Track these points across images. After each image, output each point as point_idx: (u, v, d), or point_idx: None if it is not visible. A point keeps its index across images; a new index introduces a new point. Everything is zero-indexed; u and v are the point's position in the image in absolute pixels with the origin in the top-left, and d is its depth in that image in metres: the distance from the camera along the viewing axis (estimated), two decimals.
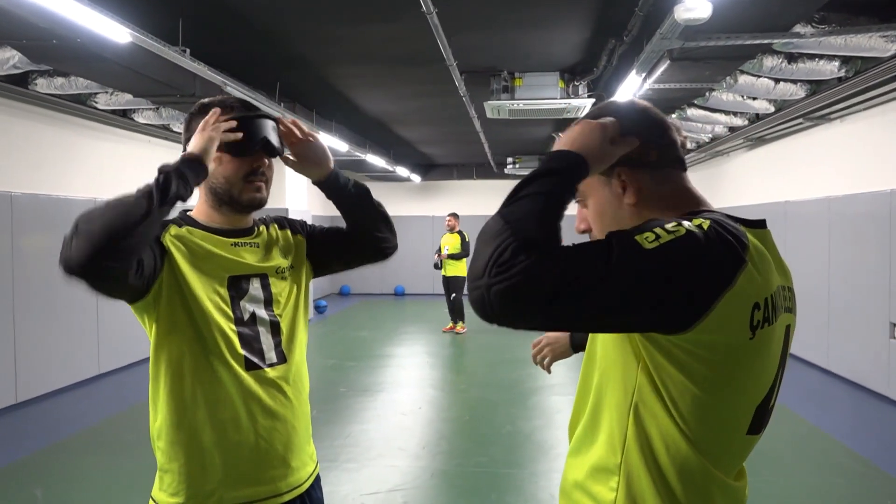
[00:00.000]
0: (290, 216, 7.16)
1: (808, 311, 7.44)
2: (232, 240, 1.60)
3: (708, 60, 4.73)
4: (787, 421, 5.46)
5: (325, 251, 1.78)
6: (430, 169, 15.66)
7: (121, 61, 4.70)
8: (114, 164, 7.56)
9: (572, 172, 1.01)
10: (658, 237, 0.90)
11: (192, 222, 1.60)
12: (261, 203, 1.62)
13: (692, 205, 1.10)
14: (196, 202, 1.65)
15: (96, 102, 6.43)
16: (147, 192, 1.36)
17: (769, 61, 4.99)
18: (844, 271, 6.75)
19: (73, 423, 5.55)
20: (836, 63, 5.18)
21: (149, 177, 1.44)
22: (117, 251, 1.30)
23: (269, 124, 1.61)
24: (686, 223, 0.94)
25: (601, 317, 0.90)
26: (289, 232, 1.75)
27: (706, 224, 0.95)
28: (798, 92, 5.99)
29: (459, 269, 9.79)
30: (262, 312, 1.57)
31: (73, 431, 5.26)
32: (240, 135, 1.54)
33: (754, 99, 6.44)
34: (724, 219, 1.00)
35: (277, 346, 1.57)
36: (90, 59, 4.62)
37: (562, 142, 1.06)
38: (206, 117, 1.53)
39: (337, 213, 1.77)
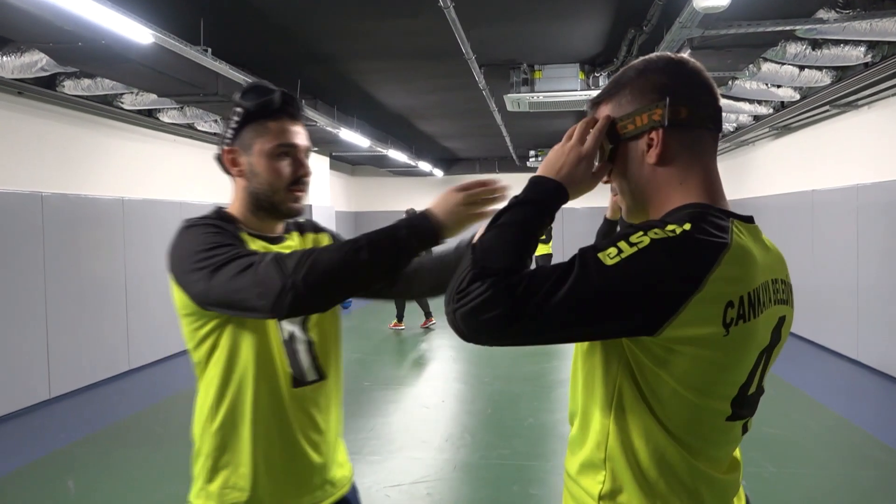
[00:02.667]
0: (315, 213, 7.16)
1: (837, 302, 7.34)
2: (269, 243, 1.58)
3: (729, 48, 4.67)
4: (816, 413, 5.39)
5: None
6: (453, 163, 15.66)
7: (144, 62, 4.78)
8: (140, 164, 7.69)
9: (548, 202, 1.04)
10: (620, 251, 0.93)
11: (238, 225, 1.56)
12: (298, 212, 1.59)
13: (697, 193, 1.07)
14: (231, 200, 1.62)
15: (122, 103, 6.55)
16: (378, 260, 1.29)
17: (792, 48, 4.92)
18: (874, 260, 6.63)
19: (104, 416, 5.67)
20: (862, 48, 5.08)
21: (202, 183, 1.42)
22: (328, 307, 1.35)
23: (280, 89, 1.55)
24: (655, 231, 0.95)
25: (565, 332, 0.95)
26: (324, 240, 1.71)
27: (679, 230, 0.95)
28: (823, 79, 5.89)
29: None
30: (298, 332, 1.57)
31: (105, 425, 5.38)
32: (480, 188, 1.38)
33: (779, 87, 6.34)
34: (709, 218, 1.00)
35: (315, 363, 1.58)
36: (115, 60, 4.70)
37: (542, 166, 1.09)
38: (473, 189, 1.35)
39: (361, 209, 1.66)
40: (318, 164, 11.04)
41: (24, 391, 5.80)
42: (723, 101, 6.29)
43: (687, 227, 0.96)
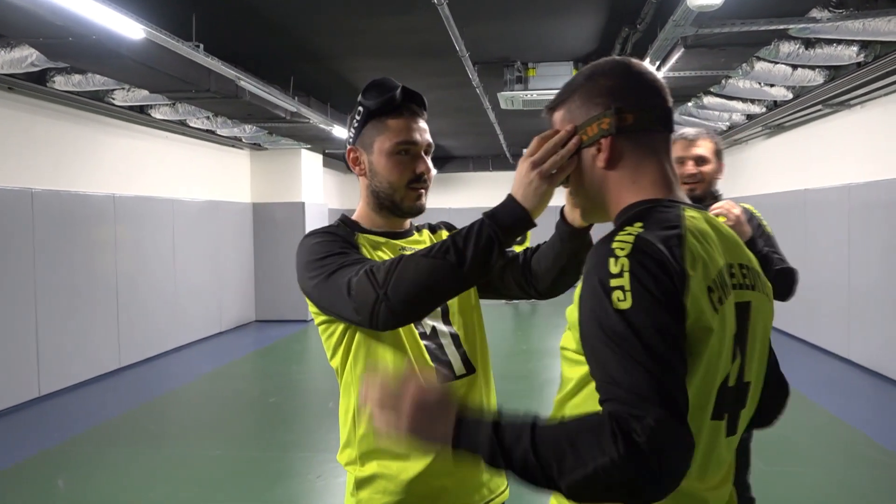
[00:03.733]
0: (308, 210, 7.18)
1: (829, 300, 7.37)
2: (400, 242, 1.56)
3: (722, 47, 4.68)
4: (808, 411, 5.41)
5: (494, 275, 1.61)
6: (446, 161, 15.65)
7: (136, 57, 4.74)
8: (132, 160, 7.65)
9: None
10: (621, 288, 0.91)
11: (360, 228, 1.56)
12: (420, 210, 1.56)
13: (650, 190, 1.08)
14: (358, 205, 1.61)
15: (113, 99, 6.50)
16: (465, 263, 1.24)
17: (786, 47, 4.93)
18: (865, 259, 6.65)
19: (94, 415, 5.64)
20: (855, 48, 5.09)
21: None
22: (420, 318, 1.38)
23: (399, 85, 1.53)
24: (619, 244, 0.95)
25: (680, 376, 0.92)
26: None
27: (631, 237, 0.96)
28: (816, 78, 5.90)
29: None
30: (441, 326, 1.53)
31: (95, 424, 5.35)
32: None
33: (772, 86, 6.35)
34: (658, 212, 1.02)
35: (463, 356, 1.53)
36: (106, 55, 4.67)
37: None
38: (557, 140, 1.15)
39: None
40: (310, 162, 11.01)
41: (14, 389, 5.76)
42: (716, 100, 6.30)
43: (638, 227, 0.98)
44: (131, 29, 3.98)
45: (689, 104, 7.52)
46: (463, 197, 15.63)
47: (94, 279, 6.82)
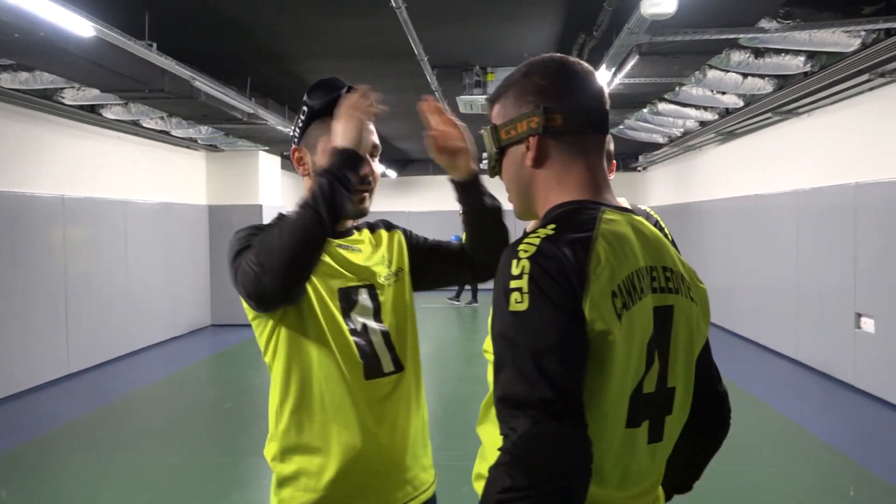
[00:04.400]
0: (266, 212, 7.12)
1: (777, 302, 7.58)
2: (336, 241, 1.54)
3: (676, 55, 4.78)
4: (757, 411, 5.55)
5: (427, 266, 1.67)
6: (406, 164, 15.63)
7: (86, 55, 4.63)
8: (83, 161, 7.45)
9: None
10: (520, 290, 0.92)
11: None
12: (363, 213, 1.57)
13: (576, 192, 1.08)
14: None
15: (63, 97, 6.33)
16: (315, 210, 1.31)
17: (736, 56, 5.06)
18: (812, 263, 6.86)
19: (40, 423, 5.46)
20: (802, 58, 5.26)
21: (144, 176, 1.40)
22: (305, 278, 1.35)
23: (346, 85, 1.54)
24: (525, 248, 0.95)
25: (580, 381, 0.93)
26: (399, 236, 1.68)
27: (538, 240, 0.96)
28: (766, 87, 6.08)
29: None
30: (372, 323, 1.53)
31: (41, 432, 5.18)
32: (387, 108, 1.44)
33: (723, 94, 6.52)
34: (578, 215, 1.02)
35: (392, 354, 1.54)
36: (54, 53, 4.54)
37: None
38: (351, 96, 1.41)
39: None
40: (268, 164, 10.88)
41: None
42: (670, 107, 6.41)
43: (550, 229, 0.98)
44: (81, 26, 3.88)
45: (645, 110, 7.66)
46: (423, 200, 15.62)
47: (42, 283, 6.62)
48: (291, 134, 1.58)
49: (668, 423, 1.08)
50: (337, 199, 1.33)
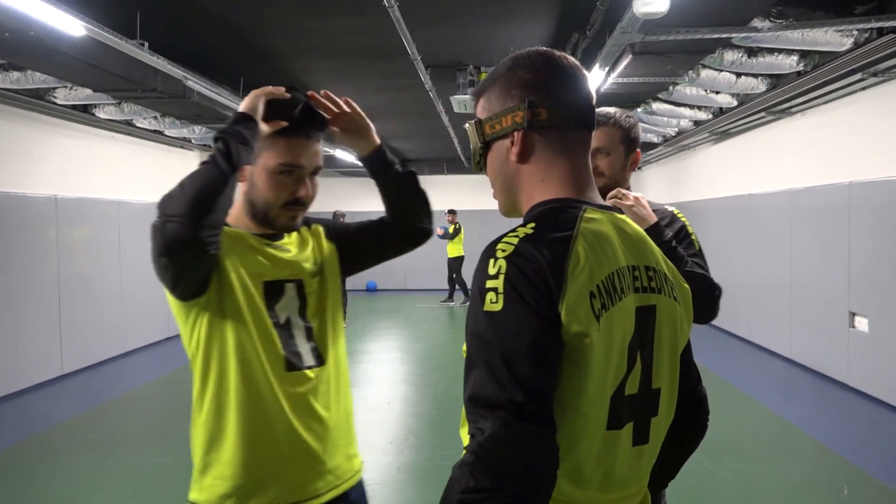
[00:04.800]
0: None
1: (771, 302, 7.58)
2: (266, 240, 1.58)
3: (669, 54, 4.78)
4: (752, 410, 5.56)
5: (358, 248, 1.74)
6: (403, 164, 15.62)
7: (77, 55, 4.61)
8: (76, 161, 7.42)
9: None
10: (495, 290, 0.91)
11: (226, 224, 1.57)
12: (293, 229, 1.61)
13: (559, 189, 1.06)
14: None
15: (55, 97, 6.30)
16: (214, 161, 1.37)
17: (729, 55, 5.06)
18: (806, 262, 6.87)
19: (32, 425, 5.44)
20: (795, 57, 5.27)
21: (116, 172, 1.41)
22: (212, 223, 1.35)
23: (304, 104, 1.57)
24: (502, 248, 0.94)
25: (553, 388, 0.92)
26: (319, 231, 1.72)
27: (516, 239, 0.95)
28: (759, 86, 6.08)
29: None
30: (296, 318, 1.57)
31: (32, 433, 5.15)
32: (281, 89, 1.52)
33: (717, 93, 6.52)
34: (560, 213, 1.01)
35: (314, 349, 1.58)
36: (46, 52, 4.52)
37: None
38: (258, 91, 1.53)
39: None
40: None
41: None
42: (664, 106, 6.40)
43: (530, 228, 0.97)
44: (71, 26, 3.86)
45: (639, 110, 7.66)
46: None
47: (35, 283, 6.58)
48: None
49: (653, 425, 1.07)
50: (231, 148, 1.39)
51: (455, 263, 12.53)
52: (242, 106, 1.48)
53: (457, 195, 14.79)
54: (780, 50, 5.13)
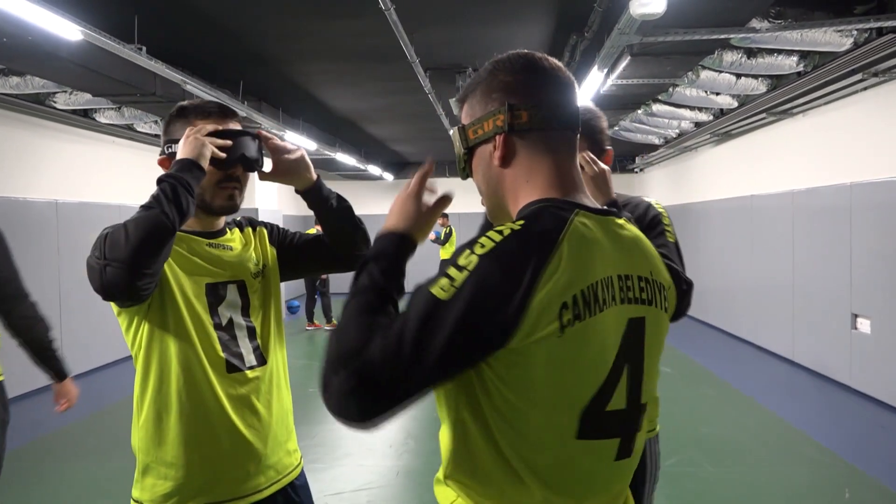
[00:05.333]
0: (262, 216, 7.12)
1: (773, 303, 7.55)
2: (207, 240, 1.61)
3: (667, 56, 4.76)
4: (753, 412, 5.53)
5: (296, 257, 1.79)
6: (403, 167, 15.61)
7: (76, 59, 4.61)
8: (77, 166, 7.42)
9: (391, 252, 1.06)
10: (452, 281, 0.91)
11: None
12: (232, 209, 1.63)
13: (544, 189, 1.04)
14: None
15: (55, 102, 6.31)
16: (161, 208, 1.38)
17: (729, 56, 5.04)
18: (807, 264, 6.84)
19: (33, 429, 5.43)
20: (795, 58, 5.24)
21: (129, 182, 1.40)
22: (152, 272, 1.37)
23: (248, 139, 1.61)
24: (482, 243, 0.93)
25: (433, 382, 0.94)
26: (263, 234, 1.77)
27: (507, 230, 0.94)
28: (759, 87, 6.06)
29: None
30: (238, 318, 1.61)
31: (33, 438, 5.15)
32: (228, 143, 1.54)
33: (717, 94, 6.50)
34: (548, 212, 0.99)
35: (256, 349, 1.62)
36: (44, 57, 4.52)
37: (387, 219, 1.13)
38: (190, 129, 1.53)
39: (309, 212, 1.73)
40: (265, 168, 10.85)
41: None
42: (664, 108, 6.37)
43: (518, 225, 0.95)
44: (68, 30, 3.86)
45: (639, 111, 7.65)
46: None
47: (36, 288, 6.49)
48: (161, 142, 1.65)
49: (637, 440, 1.06)
50: (181, 198, 1.40)
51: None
52: (188, 151, 1.48)
53: (461, 197, 14.73)
54: (780, 51, 5.11)
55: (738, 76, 5.74)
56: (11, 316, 2.85)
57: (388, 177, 14.82)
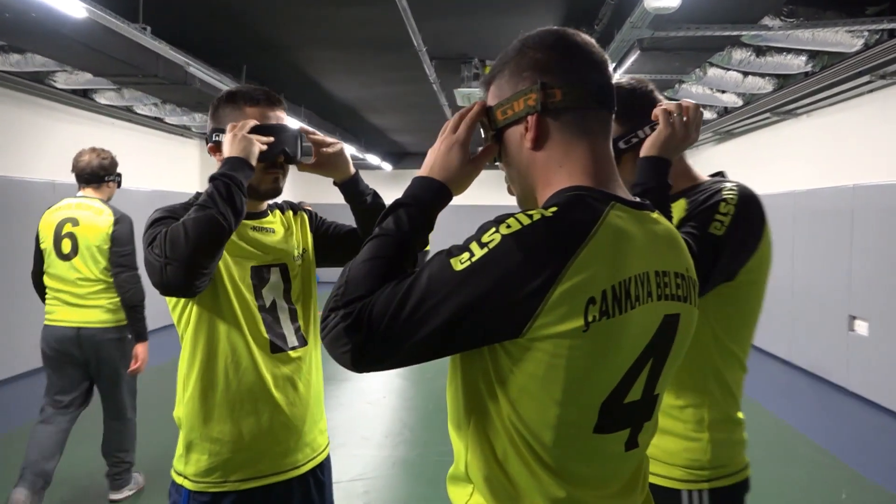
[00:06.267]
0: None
1: (773, 305, 7.53)
2: (251, 223, 1.66)
3: (678, 51, 4.72)
4: (751, 412, 5.51)
5: (332, 247, 1.84)
6: (402, 157, 15.56)
7: (78, 38, 4.54)
8: (76, 146, 7.26)
9: (426, 200, 1.03)
10: (471, 255, 0.89)
11: None
12: (276, 192, 1.68)
13: (578, 176, 0.99)
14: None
15: (55, 81, 6.24)
16: (217, 208, 1.42)
17: (738, 54, 5.01)
18: (807, 265, 6.84)
19: (26, 412, 5.39)
20: (804, 57, 5.22)
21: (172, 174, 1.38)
22: (209, 271, 1.43)
23: (291, 132, 1.64)
24: (509, 223, 0.90)
25: (425, 350, 0.92)
26: (304, 219, 1.83)
27: (538, 216, 0.90)
28: (766, 86, 6.04)
29: None
30: (281, 301, 1.66)
31: (25, 421, 5.11)
32: (271, 139, 1.58)
33: (723, 92, 6.47)
34: (582, 202, 0.94)
35: (297, 330, 1.68)
36: (46, 34, 4.45)
37: (425, 164, 1.07)
38: (232, 125, 1.55)
39: (322, 201, 1.74)
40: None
41: None
42: None
43: (550, 212, 0.91)
44: (73, 7, 3.80)
45: None
46: None
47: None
48: (208, 129, 1.68)
49: (645, 429, 1.03)
50: (234, 197, 1.45)
51: None
52: (237, 150, 1.51)
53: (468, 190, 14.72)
54: (790, 50, 5.08)
55: (746, 74, 5.72)
56: (118, 278, 3.62)
57: (387, 167, 14.77)
